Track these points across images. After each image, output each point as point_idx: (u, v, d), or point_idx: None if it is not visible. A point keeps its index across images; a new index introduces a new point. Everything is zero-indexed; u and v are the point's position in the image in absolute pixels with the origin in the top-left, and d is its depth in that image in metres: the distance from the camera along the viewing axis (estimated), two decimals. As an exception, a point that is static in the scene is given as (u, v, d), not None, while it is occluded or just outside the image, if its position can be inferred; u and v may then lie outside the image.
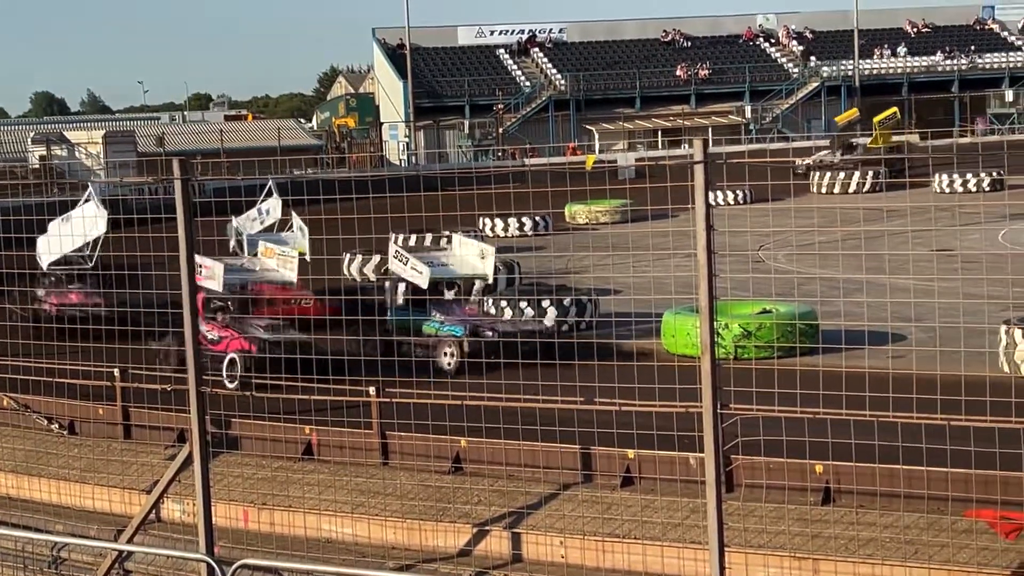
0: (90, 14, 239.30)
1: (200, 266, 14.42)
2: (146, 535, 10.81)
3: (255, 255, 16.77)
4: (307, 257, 16.46)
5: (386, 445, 11.19)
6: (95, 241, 15.92)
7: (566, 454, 10.30)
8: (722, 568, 7.98)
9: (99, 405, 12.83)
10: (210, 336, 15.49)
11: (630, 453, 10.14)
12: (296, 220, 17.43)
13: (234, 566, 8.64)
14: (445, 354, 16.10)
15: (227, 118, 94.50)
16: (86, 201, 15.82)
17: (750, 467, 9.56)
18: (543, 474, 10.28)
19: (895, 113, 51.97)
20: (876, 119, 50.71)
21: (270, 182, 18.44)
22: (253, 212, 18.39)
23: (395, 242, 26.62)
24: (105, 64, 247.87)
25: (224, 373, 14.86)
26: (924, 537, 8.68)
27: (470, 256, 16.94)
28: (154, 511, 10.87)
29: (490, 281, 17.76)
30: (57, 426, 12.85)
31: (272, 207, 18.56)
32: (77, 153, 50.37)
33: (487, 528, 9.98)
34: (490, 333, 16.21)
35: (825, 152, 48.49)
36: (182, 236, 9.11)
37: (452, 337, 16.34)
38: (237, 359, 15.01)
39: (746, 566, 8.90)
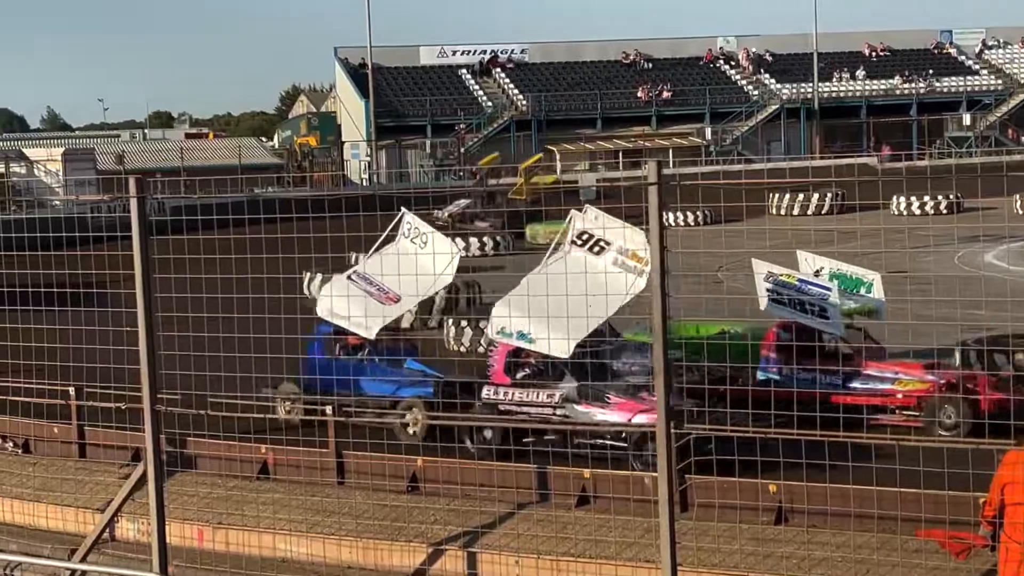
0: (50, 31, 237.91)
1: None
2: (100, 554, 10.75)
3: None
4: None
5: (342, 464, 11.18)
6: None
7: (522, 473, 10.34)
8: (675, 587, 8.02)
9: (54, 424, 12.76)
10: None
11: (586, 473, 10.18)
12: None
13: (188, 585, 8.63)
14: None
15: (188, 136, 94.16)
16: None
17: (704, 486, 9.61)
18: (499, 493, 10.30)
19: (540, 160, 51.72)
20: (523, 166, 48.99)
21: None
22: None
23: (352, 261, 26.67)
24: (65, 81, 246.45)
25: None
26: (876, 556, 8.76)
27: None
28: (108, 530, 10.83)
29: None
30: (12, 444, 12.77)
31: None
32: (36, 170, 50.03)
33: (443, 547, 9.99)
34: None
35: (466, 202, 42.74)
36: (137, 254, 9.09)
37: None
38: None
39: (699, 585, 8.95)
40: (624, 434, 11.98)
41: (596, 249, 12.24)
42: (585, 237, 12.34)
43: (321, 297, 14.36)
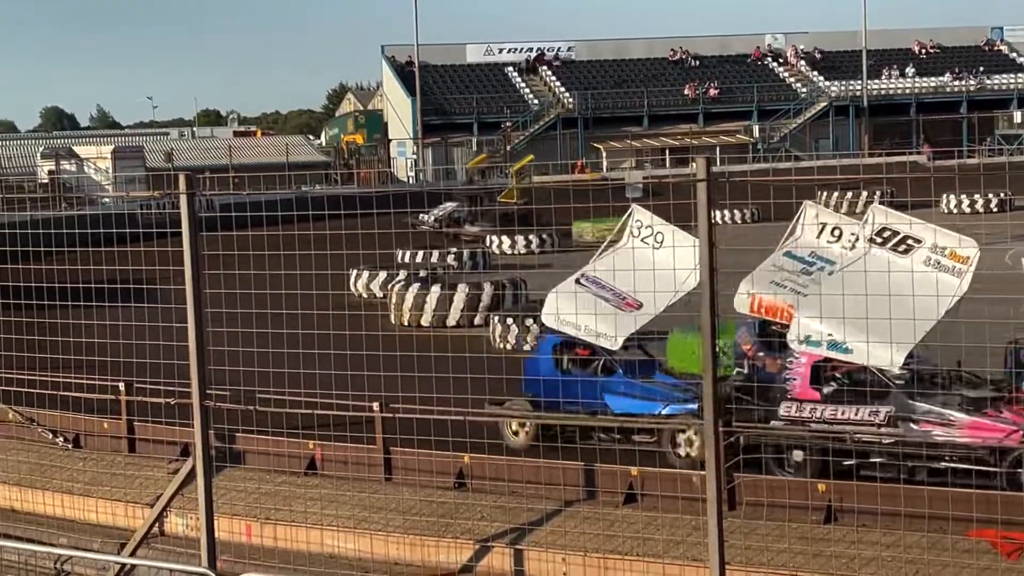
0: (101, 30, 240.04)
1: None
2: (149, 549, 10.82)
3: None
4: None
5: (390, 460, 11.20)
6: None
7: (569, 471, 10.32)
8: (723, 586, 7.99)
9: (104, 419, 12.86)
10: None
11: (633, 470, 10.14)
12: None
13: (236, 580, 8.67)
14: None
15: (236, 134, 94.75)
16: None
17: (752, 485, 9.56)
18: (546, 491, 10.29)
19: (531, 161, 49.17)
20: (514, 168, 47.00)
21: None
22: None
23: (401, 259, 26.65)
24: (115, 80, 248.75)
25: None
26: (926, 556, 8.68)
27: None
28: (158, 525, 10.89)
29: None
30: (62, 439, 12.87)
31: None
32: (86, 168, 50.47)
33: (490, 544, 9.98)
34: None
35: (453, 206, 39.65)
36: (187, 251, 9.15)
37: None
38: None
39: (747, 584, 8.90)
40: (994, 456, 10.69)
41: (903, 248, 11.27)
42: (887, 235, 11.31)
43: (547, 303, 13.42)
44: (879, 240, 11.30)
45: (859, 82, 72.49)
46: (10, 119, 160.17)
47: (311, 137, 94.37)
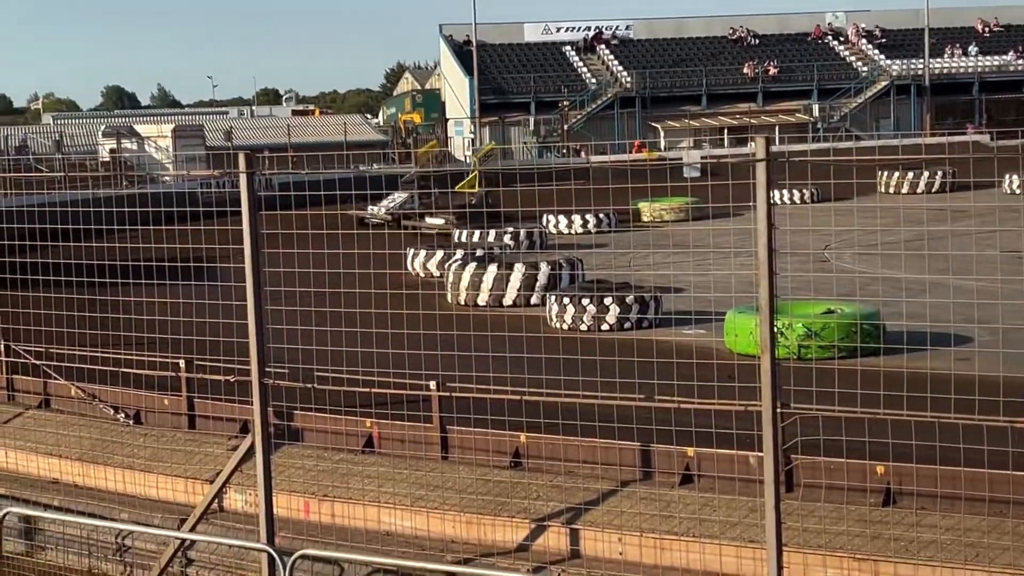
0: (161, 10, 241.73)
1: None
2: (209, 524, 10.95)
3: None
4: None
5: (446, 439, 11.24)
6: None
7: (625, 451, 10.30)
8: (780, 568, 7.96)
9: (164, 395, 13.00)
10: None
11: (689, 451, 10.11)
12: None
13: (294, 556, 8.75)
14: None
15: (295, 113, 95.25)
16: None
17: (810, 467, 9.51)
18: (602, 471, 10.28)
19: (493, 150, 47.52)
20: (477, 155, 44.69)
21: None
22: None
23: (459, 238, 26.59)
24: (175, 59, 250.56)
25: None
26: (986, 540, 8.60)
27: None
28: (217, 501, 11.01)
29: None
30: (123, 416, 13.02)
31: None
32: (146, 146, 50.90)
33: (545, 524, 10.00)
34: None
35: (403, 197, 34.20)
36: (246, 229, 9.22)
37: None
38: None
39: (804, 566, 8.86)
40: None
41: None
42: None
43: None
44: None
45: (921, 61, 71.65)
46: (72, 98, 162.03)
47: (369, 116, 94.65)
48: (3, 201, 15.19)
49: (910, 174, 43.59)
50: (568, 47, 74.64)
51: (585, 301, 18.20)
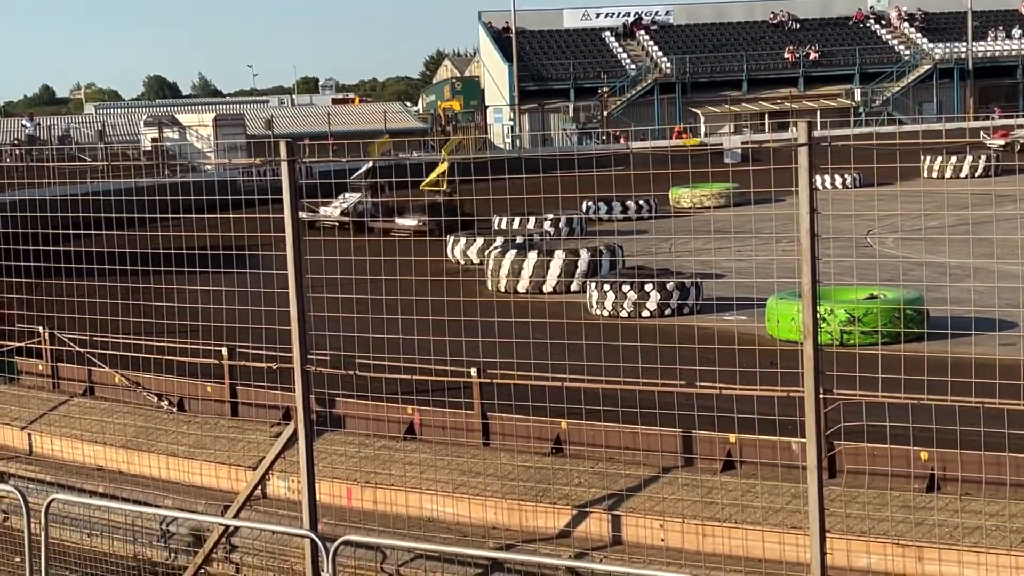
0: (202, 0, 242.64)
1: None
2: (252, 511, 11.01)
3: None
4: None
5: (487, 426, 11.25)
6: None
7: (667, 437, 10.28)
8: (823, 554, 7.93)
9: (207, 383, 13.07)
10: None
11: (731, 437, 10.09)
12: None
13: (337, 542, 8.76)
14: None
15: (334, 101, 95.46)
16: None
17: (853, 453, 9.46)
18: (643, 457, 10.27)
19: (462, 144, 46.00)
20: (445, 149, 42.93)
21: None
22: None
23: (498, 225, 26.44)
24: (216, 48, 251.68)
25: None
26: (1031, 526, 8.54)
27: None
28: (260, 487, 11.07)
29: None
30: (167, 403, 13.11)
31: None
32: (188, 135, 51.14)
33: (587, 510, 10.00)
34: None
35: (356, 197, 28.66)
36: (288, 217, 9.25)
37: None
38: None
39: (848, 552, 8.82)
40: None
41: None
42: None
43: None
44: None
45: (964, 44, 71.01)
46: (114, 88, 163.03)
47: (408, 104, 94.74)
48: (47, 191, 15.29)
49: (954, 158, 43.21)
50: (607, 33, 74.45)
51: (625, 287, 18.16)
